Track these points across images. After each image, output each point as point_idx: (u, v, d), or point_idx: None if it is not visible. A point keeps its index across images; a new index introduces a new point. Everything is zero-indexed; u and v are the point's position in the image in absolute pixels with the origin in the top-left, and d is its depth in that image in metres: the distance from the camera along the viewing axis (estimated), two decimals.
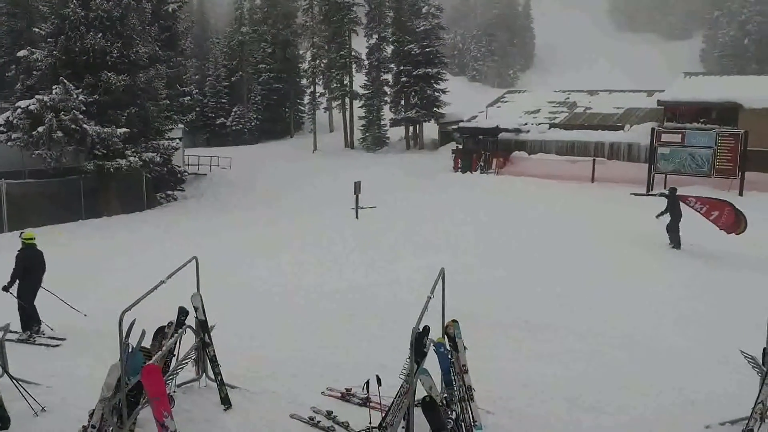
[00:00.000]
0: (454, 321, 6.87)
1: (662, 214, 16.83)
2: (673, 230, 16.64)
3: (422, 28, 45.94)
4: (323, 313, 11.51)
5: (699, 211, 16.80)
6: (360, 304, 11.88)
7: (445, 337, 6.80)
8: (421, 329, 6.05)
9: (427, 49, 46.08)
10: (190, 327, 7.68)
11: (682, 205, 16.75)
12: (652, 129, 25.49)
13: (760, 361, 6.74)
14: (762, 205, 20.51)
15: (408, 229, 18.08)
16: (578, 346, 9.73)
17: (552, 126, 34.83)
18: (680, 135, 24.16)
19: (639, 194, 19.81)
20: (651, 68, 72.37)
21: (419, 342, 6.11)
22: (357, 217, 20.94)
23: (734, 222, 16.18)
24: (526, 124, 35.35)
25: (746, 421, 6.21)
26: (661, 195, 17.72)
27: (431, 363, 6.39)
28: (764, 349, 6.78)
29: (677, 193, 17.18)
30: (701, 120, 28.29)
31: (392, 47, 50.17)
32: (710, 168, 23.37)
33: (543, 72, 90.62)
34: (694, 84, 32.69)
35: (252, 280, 13.81)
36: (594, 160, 28.53)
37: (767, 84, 30.60)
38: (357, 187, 21.38)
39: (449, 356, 6.63)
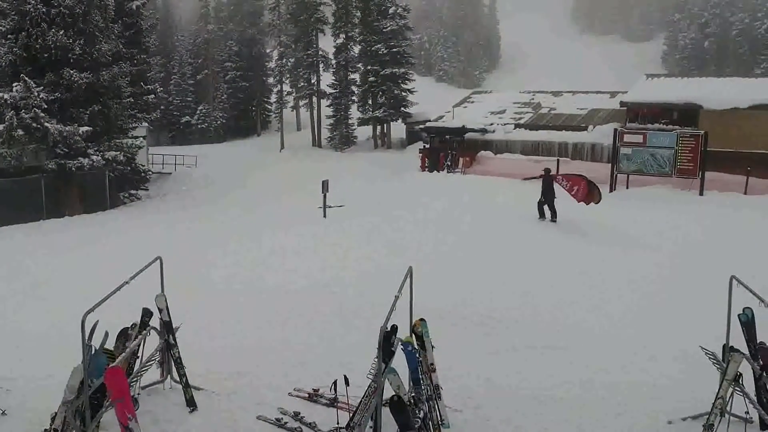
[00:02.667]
0: (422, 320, 6.90)
1: (542, 195, 19.46)
2: (547, 205, 19.22)
3: (389, 28, 46.03)
4: (289, 312, 11.45)
5: (564, 188, 19.64)
6: (326, 303, 11.86)
7: (413, 335, 6.83)
8: (389, 328, 6.06)
9: (394, 49, 46.20)
10: (154, 328, 7.58)
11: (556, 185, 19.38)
12: (615, 129, 25.93)
13: (720, 357, 6.92)
14: (722, 203, 21.06)
15: (376, 227, 18.09)
16: (541, 341, 9.86)
17: (517, 126, 35.23)
18: (642, 136, 24.59)
19: (528, 178, 22.20)
20: (613, 70, 73.62)
21: (387, 341, 6.12)
22: (325, 215, 20.90)
23: (588, 193, 18.99)
24: (492, 124, 35.69)
25: (707, 416, 6.35)
26: (540, 177, 20.18)
27: (399, 362, 6.41)
28: (724, 345, 6.95)
29: (550, 174, 20.03)
30: (663, 121, 28.88)
31: (359, 47, 50.19)
32: (672, 168, 23.84)
33: (508, 73, 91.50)
34: (655, 85, 33.36)
35: (216, 279, 13.69)
36: (558, 160, 28.89)
37: (726, 86, 31.35)
38: (325, 185, 21.33)
39: (417, 355, 6.65)
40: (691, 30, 75.55)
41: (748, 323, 6.94)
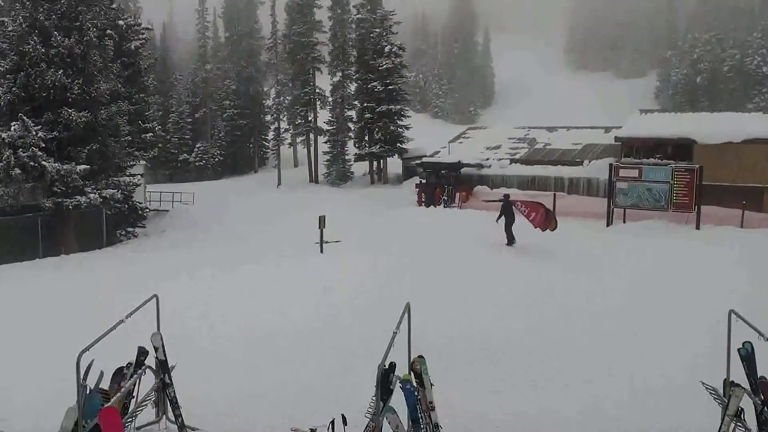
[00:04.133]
0: (421, 357, 6.83)
1: (499, 217, 20.97)
2: (506, 229, 20.60)
3: (385, 66, 46.67)
4: (285, 348, 11.35)
5: (523, 213, 20.88)
6: (323, 339, 11.76)
7: (412, 373, 6.76)
8: (387, 366, 6.01)
9: (390, 87, 46.79)
10: (149, 367, 7.50)
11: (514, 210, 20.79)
12: (610, 164, 26.08)
13: (721, 392, 6.86)
14: (718, 238, 21.08)
15: (373, 262, 18.04)
16: (542, 377, 9.77)
17: (513, 161, 35.49)
18: (638, 170, 24.71)
19: (489, 200, 24.14)
20: (607, 106, 74.38)
21: (385, 379, 6.06)
22: (321, 251, 20.85)
23: (545, 220, 20.34)
24: (487, 159, 35.95)
25: None
26: (499, 201, 21.67)
27: (397, 400, 6.33)
28: (724, 380, 6.90)
29: (509, 199, 21.44)
30: (657, 155, 29.10)
31: (356, 85, 50.86)
32: (668, 202, 23.91)
33: (503, 109, 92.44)
34: (649, 121, 33.71)
35: (212, 316, 13.58)
36: (554, 194, 29.01)
37: (720, 120, 31.71)
38: (321, 221, 21.33)
39: (416, 393, 6.57)
40: (683, 66, 76.65)
41: (748, 357, 6.89)
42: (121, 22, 33.59)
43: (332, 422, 6.66)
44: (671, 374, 9.82)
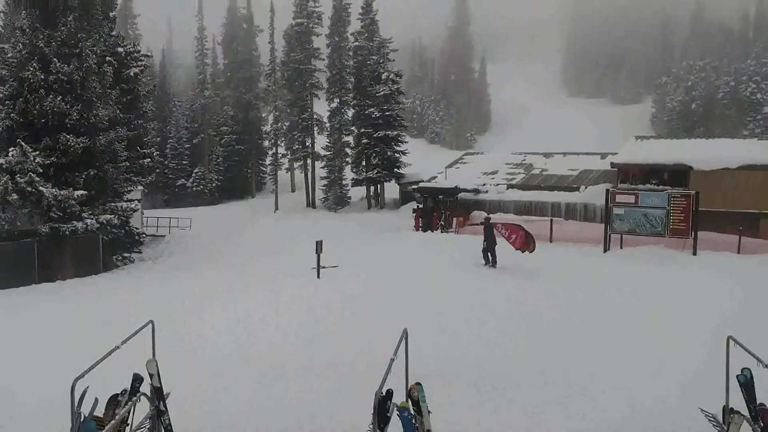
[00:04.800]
0: (418, 384, 6.79)
1: (485, 241, 21.65)
2: (489, 251, 21.35)
3: (382, 92, 47.08)
4: (281, 375, 11.26)
5: (503, 236, 21.77)
6: (320, 366, 11.68)
7: (409, 400, 6.71)
8: (384, 393, 5.97)
9: (387, 113, 47.15)
10: (144, 394, 7.44)
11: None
12: (607, 190, 26.14)
13: (720, 419, 6.82)
14: (716, 264, 21.08)
15: (370, 287, 17.99)
16: (539, 402, 9.70)
17: (510, 186, 35.60)
18: (634, 196, 24.76)
19: (473, 224, 24.84)
20: (603, 132, 74.86)
21: (382, 407, 6.01)
22: (318, 276, 20.78)
23: (525, 242, 21.31)
24: (484, 184, 36.07)
25: None
26: (481, 224, 22.68)
27: (395, 428, 6.28)
28: (724, 407, 6.85)
29: (491, 222, 22.39)
30: (653, 181, 29.21)
31: (353, 111, 51.25)
32: (664, 228, 23.90)
33: (499, 134, 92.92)
34: (645, 147, 33.93)
35: (208, 341, 13.49)
36: (551, 220, 29.06)
37: (715, 147, 31.93)
38: (319, 246, 21.28)
39: (413, 421, 6.52)
40: (678, 93, 77.34)
41: (747, 384, 6.86)
42: (120, 49, 33.84)
43: None
44: (668, 400, 9.76)
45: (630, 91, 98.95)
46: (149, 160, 38.33)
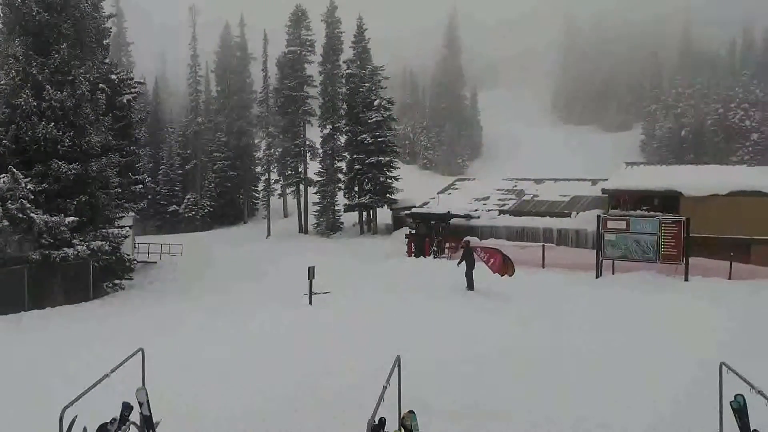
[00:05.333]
0: (411, 412, 6.74)
1: (460, 262, 22.18)
2: (467, 275, 21.68)
3: (374, 119, 47.44)
4: (273, 402, 11.15)
5: (482, 259, 22.08)
6: (311, 393, 11.58)
7: (402, 429, 6.66)
8: (376, 421, 5.92)
9: (379, 139, 47.48)
10: (134, 423, 7.35)
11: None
12: (598, 216, 26.24)
13: None
14: (707, 290, 21.13)
15: (363, 314, 17.93)
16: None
17: (501, 212, 35.71)
18: (625, 222, 24.85)
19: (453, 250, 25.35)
20: (593, 158, 75.39)
21: None
22: (310, 302, 20.71)
23: (503, 265, 21.54)
24: (476, 210, 36.18)
25: None
26: (461, 247, 23.45)
27: None
28: None
29: (470, 245, 23.04)
30: (644, 207, 29.37)
31: (345, 137, 51.55)
32: (656, 254, 23.96)
33: (491, 161, 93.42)
34: (635, 173, 34.18)
35: (197, 370, 13.37)
36: (543, 245, 29.12)
37: (705, 173, 32.19)
38: (311, 272, 21.24)
39: None
40: (668, 120, 78.20)
41: (740, 410, 6.84)
42: (113, 76, 34.01)
43: None
44: (661, 427, 9.71)
45: (620, 119, 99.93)
46: (141, 186, 38.37)
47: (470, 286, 21.71)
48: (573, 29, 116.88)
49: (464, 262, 22.18)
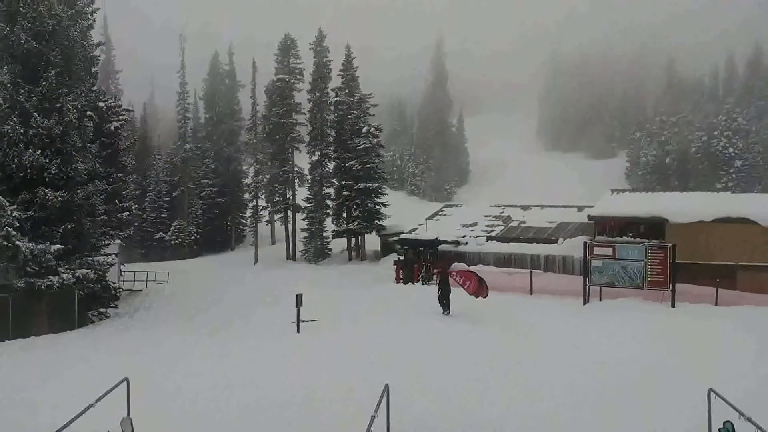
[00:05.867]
0: None
1: (440, 289, 22.85)
2: (442, 298, 22.51)
3: (362, 146, 47.68)
4: (260, 431, 11.03)
5: (458, 282, 22.96)
6: (299, 423, 11.46)
7: None
8: None
9: (368, 165, 47.66)
10: None
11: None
12: (585, 242, 26.37)
13: None
14: (694, 316, 21.21)
15: (351, 342, 17.83)
16: None
17: (489, 238, 35.79)
18: (612, 248, 24.96)
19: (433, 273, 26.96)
20: (579, 185, 75.97)
21: None
22: (298, 330, 20.57)
23: (478, 288, 22.46)
24: (464, 236, 36.25)
25: None
26: (437, 273, 24.19)
27: None
28: None
29: (445, 273, 23.80)
30: (630, 234, 29.54)
31: (334, 163, 51.71)
32: (642, 280, 24.05)
33: (478, 187, 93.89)
34: (621, 200, 34.42)
35: (184, 399, 13.20)
36: (531, 272, 29.17)
37: (690, 200, 32.44)
38: (298, 299, 21.13)
39: None
40: (652, 147, 79.03)
41: None
42: (101, 104, 34.01)
43: None
44: None
45: (605, 146, 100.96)
46: (128, 213, 38.13)
47: (446, 308, 22.47)
48: (559, 57, 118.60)
49: (440, 287, 22.93)
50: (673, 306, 23.07)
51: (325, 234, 52.13)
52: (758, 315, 20.99)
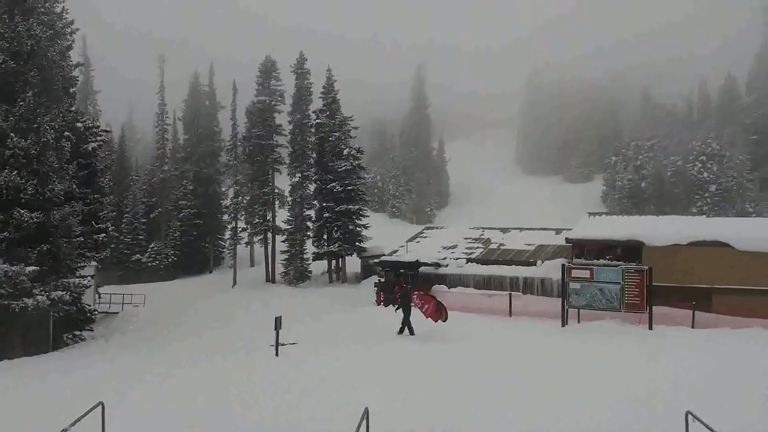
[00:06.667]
0: None
1: (397, 308, 22.96)
2: (403, 319, 22.46)
3: (343, 168, 47.78)
4: None
5: (417, 305, 22.81)
6: None
7: None
8: None
9: (349, 188, 47.74)
10: None
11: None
12: (563, 265, 26.52)
13: None
14: (671, 338, 21.39)
15: (331, 366, 17.71)
16: None
17: (469, 261, 35.89)
18: (589, 271, 25.13)
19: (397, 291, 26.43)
20: (557, 208, 76.76)
21: None
22: (277, 354, 20.39)
23: (436, 311, 22.35)
24: (444, 258, 36.31)
25: None
26: (397, 293, 24.46)
27: None
28: None
29: (407, 287, 24.26)
30: (608, 256, 29.80)
31: (315, 185, 51.65)
32: (620, 303, 24.22)
33: (458, 209, 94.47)
34: (598, 223, 34.74)
35: (158, 425, 12.98)
36: (510, 294, 29.27)
37: (665, 223, 32.82)
38: (277, 322, 20.96)
39: None
40: (628, 171, 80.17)
41: None
42: (79, 125, 33.80)
43: None
44: None
45: (582, 170, 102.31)
46: (104, 235, 37.72)
47: (410, 330, 22.47)
48: (535, 83, 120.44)
49: (401, 308, 22.83)
50: (650, 328, 23.25)
51: (305, 256, 51.90)
52: (736, 337, 21.22)
